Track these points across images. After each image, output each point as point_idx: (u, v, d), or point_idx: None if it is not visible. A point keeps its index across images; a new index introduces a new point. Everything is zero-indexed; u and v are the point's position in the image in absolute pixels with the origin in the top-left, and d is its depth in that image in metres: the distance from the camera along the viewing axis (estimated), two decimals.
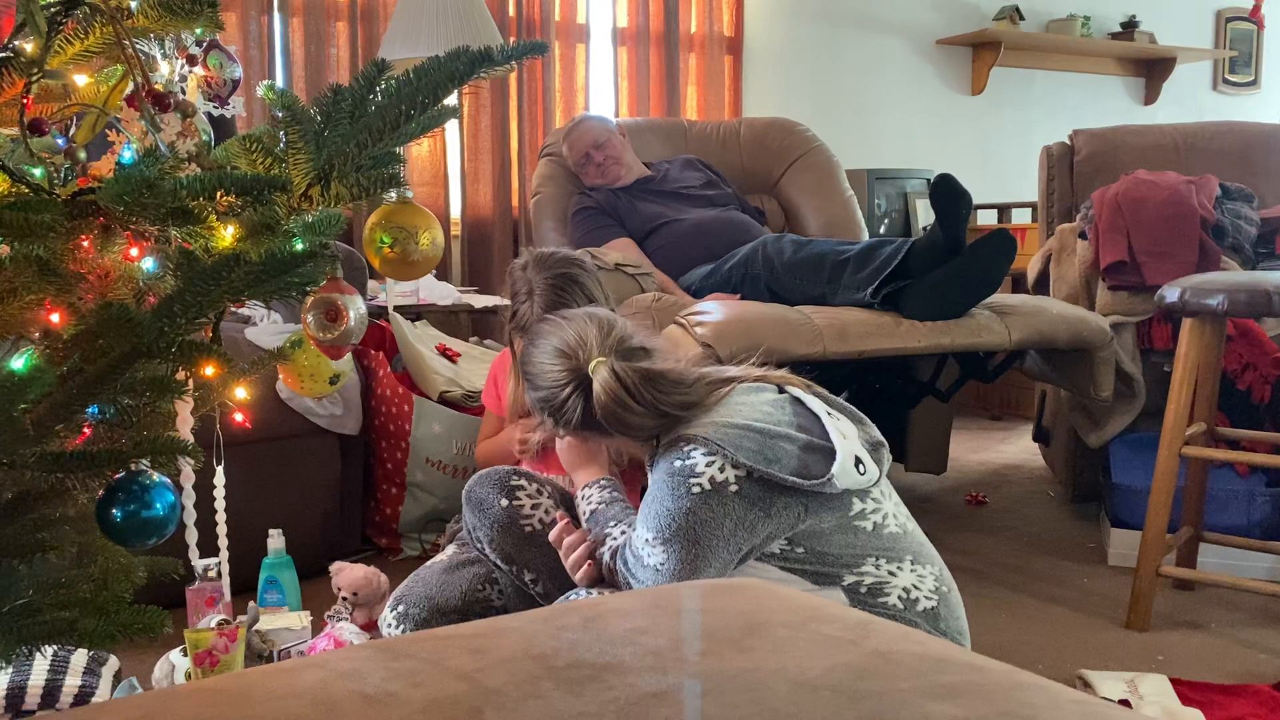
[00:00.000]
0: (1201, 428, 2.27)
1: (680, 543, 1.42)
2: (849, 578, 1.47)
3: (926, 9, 4.84)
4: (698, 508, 1.41)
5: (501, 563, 1.80)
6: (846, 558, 1.47)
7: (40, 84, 1.05)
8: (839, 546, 1.47)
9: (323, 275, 1.17)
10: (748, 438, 1.44)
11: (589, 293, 1.97)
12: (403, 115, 1.05)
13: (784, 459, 1.44)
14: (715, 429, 1.45)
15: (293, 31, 3.56)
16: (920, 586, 1.49)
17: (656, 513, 1.45)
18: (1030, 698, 0.72)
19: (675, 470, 1.44)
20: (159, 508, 1.04)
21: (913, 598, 1.48)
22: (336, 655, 0.81)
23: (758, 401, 1.52)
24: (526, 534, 1.78)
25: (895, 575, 1.49)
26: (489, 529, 1.79)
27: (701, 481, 1.42)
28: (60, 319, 1.00)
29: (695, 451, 1.44)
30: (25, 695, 1.60)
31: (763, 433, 1.45)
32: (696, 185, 3.23)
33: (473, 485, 1.84)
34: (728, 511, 1.41)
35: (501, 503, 1.79)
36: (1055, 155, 3.23)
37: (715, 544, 1.42)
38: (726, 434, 1.44)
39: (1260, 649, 2.04)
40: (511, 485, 1.81)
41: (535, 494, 1.82)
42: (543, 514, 1.80)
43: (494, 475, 1.83)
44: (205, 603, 1.82)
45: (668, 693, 0.72)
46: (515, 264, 2.10)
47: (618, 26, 4.14)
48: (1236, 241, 2.83)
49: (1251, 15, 5.60)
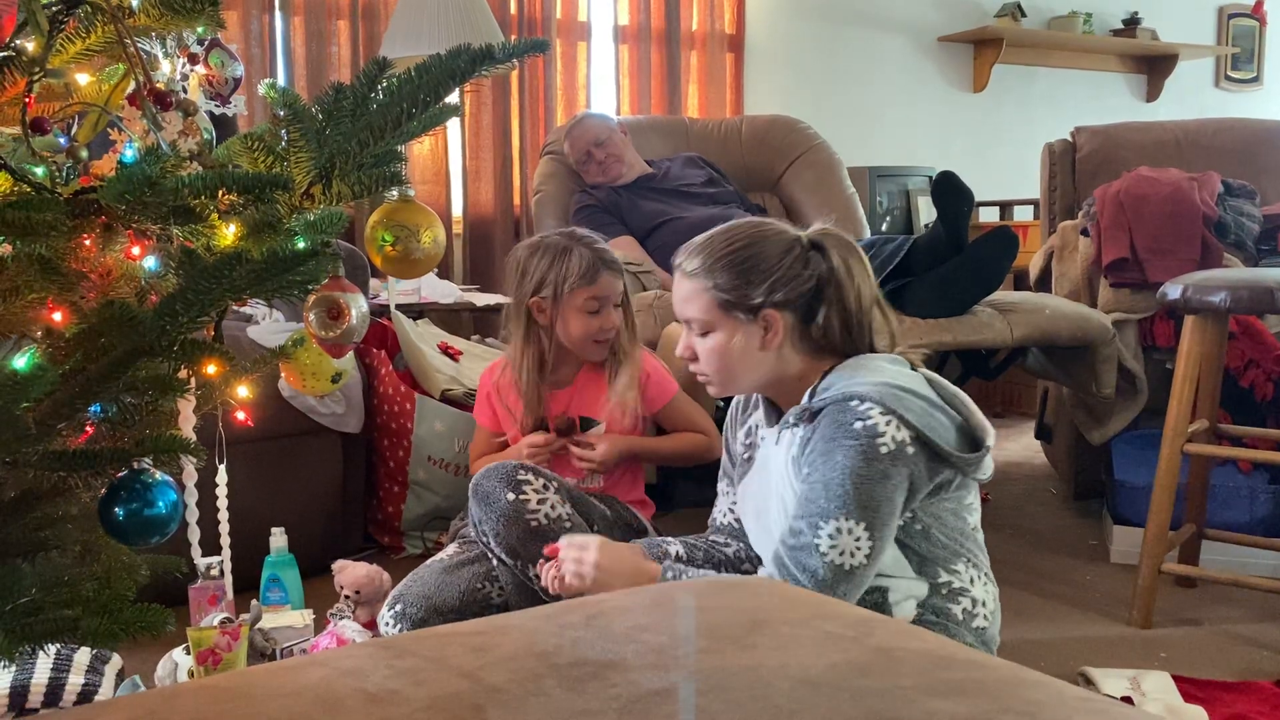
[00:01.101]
0: (1204, 425, 2.27)
1: (866, 511, 1.37)
2: (943, 575, 1.47)
3: (928, 6, 4.84)
4: (889, 469, 1.37)
5: (507, 557, 1.80)
6: (949, 549, 1.47)
7: (42, 83, 1.05)
8: (948, 533, 1.47)
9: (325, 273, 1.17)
10: (914, 401, 1.41)
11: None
12: (404, 113, 1.05)
13: (941, 430, 1.42)
14: (881, 388, 1.41)
15: (294, 30, 3.56)
16: (986, 604, 1.50)
17: (839, 480, 1.38)
18: (1033, 695, 0.72)
19: (858, 431, 1.38)
20: (161, 506, 1.04)
21: (974, 611, 1.49)
22: (339, 653, 0.81)
23: (903, 371, 1.49)
24: (532, 529, 1.78)
25: (973, 585, 1.49)
26: (495, 522, 1.79)
27: (887, 441, 1.37)
28: (62, 318, 1.00)
29: (873, 410, 1.39)
30: (28, 693, 1.60)
31: (925, 400, 1.43)
32: (698, 183, 3.23)
33: (480, 479, 1.84)
34: (904, 474, 1.39)
35: (508, 497, 1.79)
36: (1057, 152, 3.23)
37: (893, 508, 1.39)
38: (895, 394, 1.40)
39: (1263, 646, 2.04)
40: (518, 480, 1.81)
41: (541, 489, 1.82)
42: (549, 509, 1.80)
43: (501, 469, 1.83)
44: (208, 601, 1.82)
45: (670, 690, 0.72)
46: (521, 245, 2.12)
47: (619, 24, 4.13)
48: (1239, 238, 2.82)
49: (1254, 12, 5.59)
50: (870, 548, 1.38)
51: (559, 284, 2.02)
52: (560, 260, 2.03)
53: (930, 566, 1.46)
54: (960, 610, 1.47)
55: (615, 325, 2.07)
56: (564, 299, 2.03)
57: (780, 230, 1.55)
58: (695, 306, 1.55)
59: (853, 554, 1.38)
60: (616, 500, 2.06)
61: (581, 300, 2.03)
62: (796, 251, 1.52)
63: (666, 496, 2.26)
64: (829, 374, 1.50)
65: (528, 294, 2.06)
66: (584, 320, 2.04)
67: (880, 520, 1.39)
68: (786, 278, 1.50)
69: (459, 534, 2.08)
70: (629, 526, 2.02)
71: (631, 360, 2.10)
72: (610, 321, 2.06)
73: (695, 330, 1.57)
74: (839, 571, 1.38)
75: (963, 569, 1.48)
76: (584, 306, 2.03)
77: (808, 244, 1.53)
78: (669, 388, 2.16)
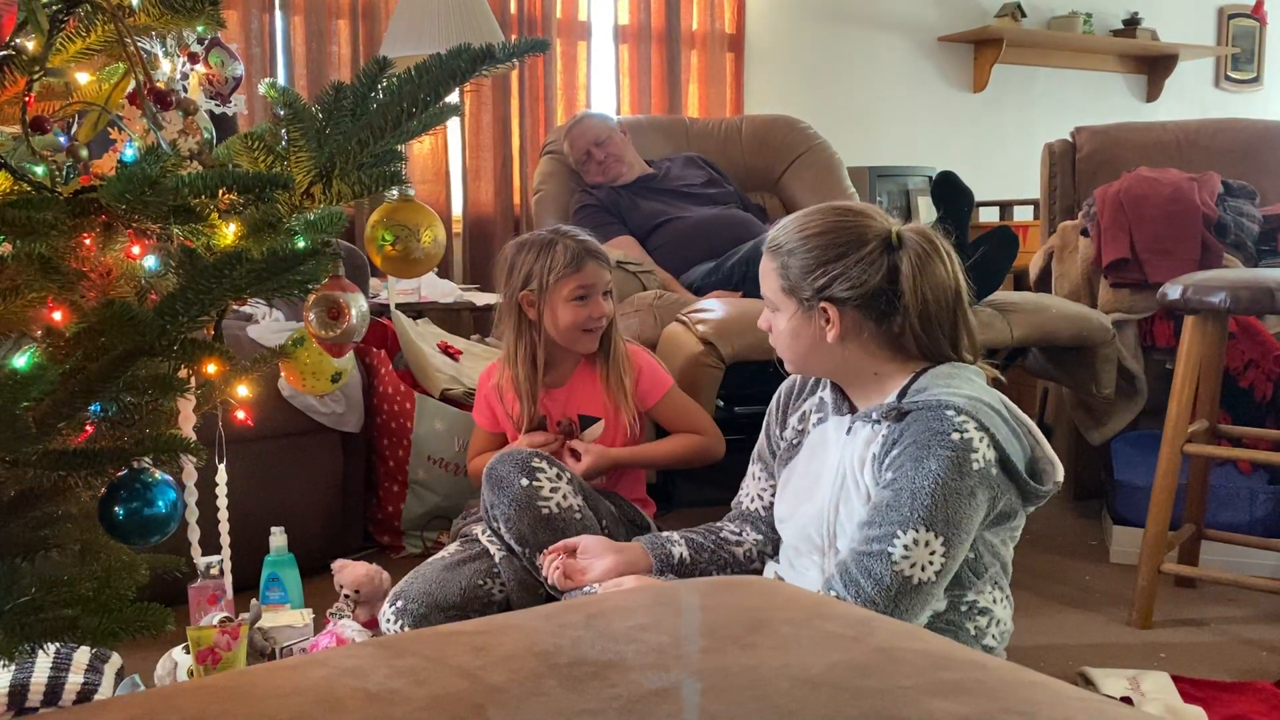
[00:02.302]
0: (1204, 425, 2.27)
1: (948, 526, 1.33)
2: (969, 595, 1.44)
3: (928, 6, 4.83)
4: (976, 488, 1.34)
5: (515, 544, 1.81)
6: (981, 573, 1.44)
7: (42, 82, 1.05)
8: (988, 559, 1.44)
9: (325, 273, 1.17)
10: (1001, 424, 1.38)
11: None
12: (404, 113, 1.05)
13: (1015, 455, 1.38)
14: (975, 403, 1.37)
15: (294, 29, 3.56)
16: (1002, 623, 1.49)
17: (928, 489, 1.33)
18: (1032, 695, 0.72)
19: (954, 443, 1.34)
20: (161, 505, 1.04)
21: (986, 630, 1.47)
22: (339, 653, 0.81)
23: (991, 390, 1.45)
24: (543, 516, 1.79)
25: (995, 605, 1.47)
26: (507, 506, 1.80)
27: (979, 458, 1.34)
28: (62, 317, 1.00)
29: (968, 424, 1.35)
30: (28, 693, 1.60)
31: (1006, 421, 1.40)
32: (698, 183, 3.23)
33: (495, 463, 1.85)
34: (987, 495, 1.36)
35: (522, 482, 1.80)
36: (1057, 152, 3.23)
37: (971, 528, 1.36)
38: (987, 412, 1.37)
39: (1262, 646, 2.04)
40: (532, 466, 1.82)
41: (555, 478, 1.83)
42: (561, 498, 1.81)
43: (516, 455, 1.85)
44: (207, 600, 1.82)
45: (670, 690, 0.72)
46: (509, 244, 2.14)
47: (619, 24, 4.13)
48: (1238, 238, 2.82)
49: (1254, 12, 5.58)
50: (942, 565, 1.34)
51: (545, 275, 2.04)
52: (545, 253, 2.05)
53: (957, 587, 1.44)
54: (973, 627, 1.46)
55: (605, 313, 2.07)
56: (551, 289, 2.04)
57: (867, 222, 1.46)
58: (766, 284, 1.53)
59: (924, 568, 1.34)
60: (620, 497, 2.07)
61: (568, 290, 2.03)
62: (870, 247, 1.44)
63: (667, 496, 2.26)
64: (921, 376, 1.45)
65: (516, 289, 2.07)
66: (572, 309, 2.04)
67: (958, 539, 1.35)
68: (848, 274, 1.44)
69: (460, 533, 2.09)
70: (633, 523, 2.03)
71: (620, 354, 2.10)
72: (599, 309, 2.06)
73: (768, 306, 1.55)
74: (905, 584, 1.34)
75: (988, 590, 1.47)
76: (571, 295, 2.04)
77: (887, 241, 1.45)
78: (662, 383, 2.15)
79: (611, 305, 2.09)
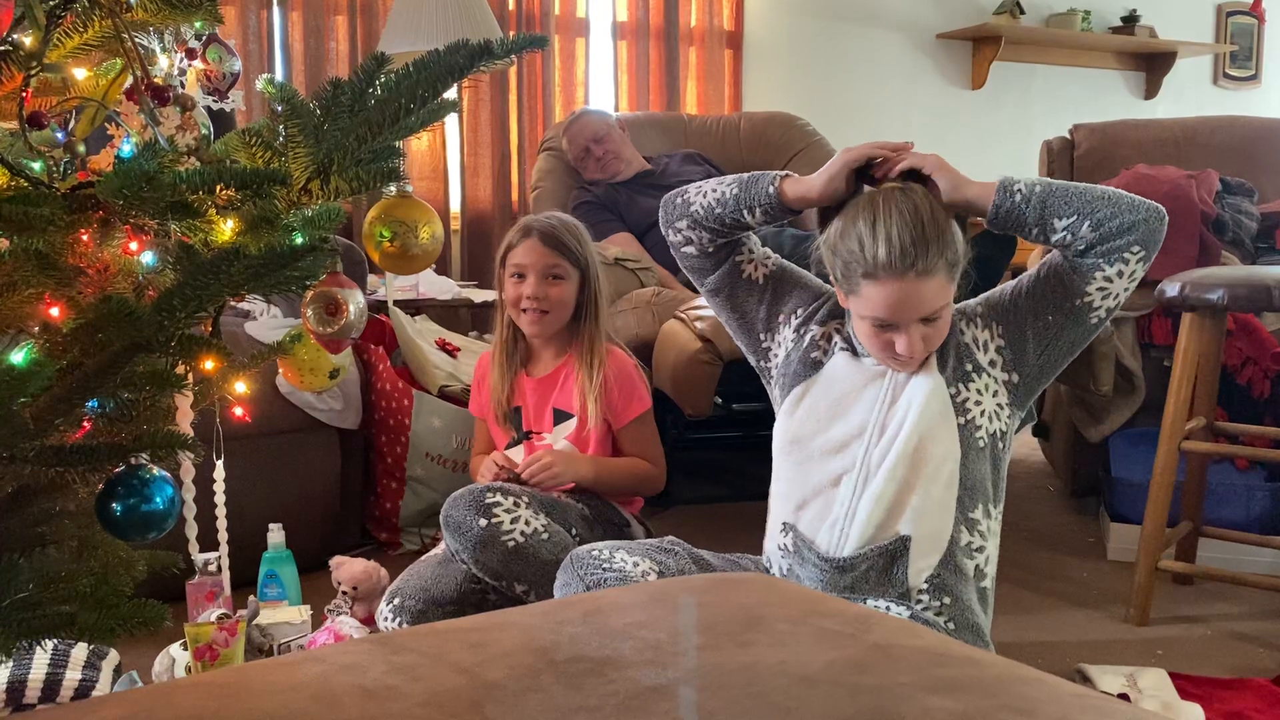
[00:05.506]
0: (1201, 422, 2.27)
1: None
2: (994, 513, 1.58)
3: (927, 3, 4.83)
4: None
5: (490, 579, 1.79)
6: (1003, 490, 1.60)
7: (39, 77, 1.04)
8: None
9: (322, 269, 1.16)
10: None
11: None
12: (402, 109, 1.05)
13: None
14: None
15: (292, 25, 3.56)
16: (992, 560, 1.59)
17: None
18: (1029, 691, 0.72)
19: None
20: (159, 502, 1.04)
21: (985, 571, 1.56)
22: (336, 649, 0.81)
23: None
24: (510, 549, 1.77)
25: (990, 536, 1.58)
26: (471, 550, 1.78)
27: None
28: (60, 313, 1.00)
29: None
30: (25, 689, 1.60)
31: None
32: (696, 179, 3.22)
33: (448, 510, 1.81)
34: None
35: (480, 523, 1.77)
36: (1055, 150, 3.22)
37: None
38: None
39: (1259, 643, 2.04)
40: (487, 504, 1.79)
41: (512, 507, 1.80)
42: (523, 526, 1.78)
43: (468, 496, 1.81)
44: (205, 597, 1.82)
45: (667, 687, 0.72)
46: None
47: (617, 20, 4.13)
48: (1237, 236, 2.82)
49: (1252, 9, 5.58)
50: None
51: (503, 253, 2.07)
52: (513, 233, 2.08)
53: (992, 502, 1.57)
54: (973, 566, 1.53)
55: (538, 295, 2.00)
56: (503, 266, 2.06)
57: (927, 196, 1.62)
58: (946, 292, 1.56)
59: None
60: (595, 496, 2.01)
61: (511, 266, 2.04)
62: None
63: (665, 493, 2.25)
64: None
65: (496, 272, 2.10)
66: (511, 286, 2.04)
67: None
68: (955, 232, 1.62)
69: None
70: (610, 523, 2.00)
71: (592, 351, 2.04)
72: (532, 289, 2.00)
73: (924, 319, 1.55)
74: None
75: (995, 514, 1.58)
76: (511, 272, 2.05)
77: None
78: (640, 403, 2.06)
79: (562, 293, 2.02)
